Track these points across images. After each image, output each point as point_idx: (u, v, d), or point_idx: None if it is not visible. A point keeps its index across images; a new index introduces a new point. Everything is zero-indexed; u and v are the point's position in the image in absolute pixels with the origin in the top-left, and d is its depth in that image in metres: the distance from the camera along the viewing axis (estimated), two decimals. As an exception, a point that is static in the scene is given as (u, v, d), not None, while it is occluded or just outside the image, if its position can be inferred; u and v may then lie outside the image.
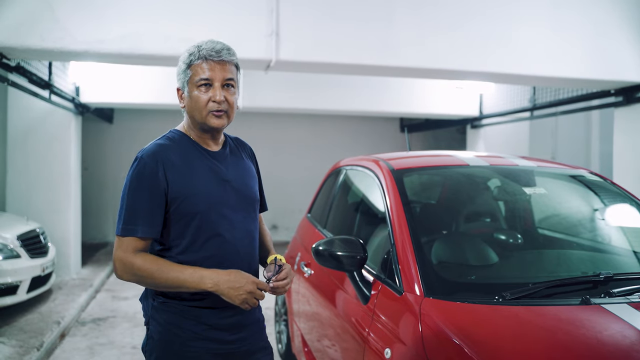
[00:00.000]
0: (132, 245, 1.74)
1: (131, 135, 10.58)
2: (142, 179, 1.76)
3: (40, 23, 4.08)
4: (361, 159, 3.29)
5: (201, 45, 1.84)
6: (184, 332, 1.82)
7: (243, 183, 1.94)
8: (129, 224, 1.74)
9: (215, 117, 1.83)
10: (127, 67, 7.11)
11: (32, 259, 5.44)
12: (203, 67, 1.81)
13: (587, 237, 2.76)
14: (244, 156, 2.03)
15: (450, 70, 4.83)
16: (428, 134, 11.45)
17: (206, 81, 1.81)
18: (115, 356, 4.62)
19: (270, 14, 4.39)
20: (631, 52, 5.04)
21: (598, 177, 2.98)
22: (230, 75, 1.83)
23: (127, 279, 1.76)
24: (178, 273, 1.72)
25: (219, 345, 1.85)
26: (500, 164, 2.97)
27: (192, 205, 1.79)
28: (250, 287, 1.73)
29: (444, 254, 2.37)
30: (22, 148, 6.91)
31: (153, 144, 1.86)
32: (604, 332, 1.84)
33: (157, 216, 1.76)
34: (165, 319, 1.83)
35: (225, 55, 1.83)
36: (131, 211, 1.75)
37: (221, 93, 1.81)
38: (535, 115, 7.44)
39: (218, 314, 1.84)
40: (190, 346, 1.82)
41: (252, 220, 1.96)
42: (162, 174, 1.77)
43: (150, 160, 1.78)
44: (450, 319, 1.90)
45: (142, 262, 1.73)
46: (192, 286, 1.72)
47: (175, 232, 1.81)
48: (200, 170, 1.84)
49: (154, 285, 1.78)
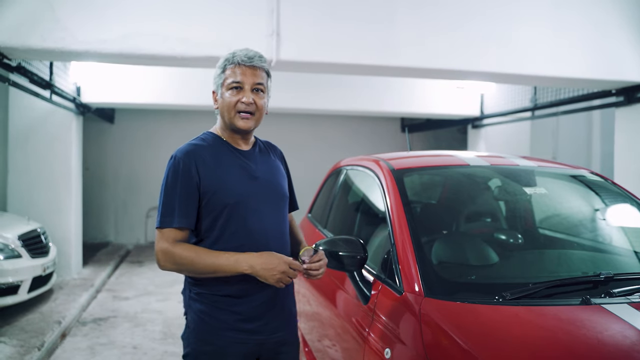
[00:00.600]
0: (172, 236, 1.89)
1: (132, 135, 10.60)
2: (177, 176, 1.91)
3: (41, 23, 4.08)
4: (361, 159, 3.29)
5: (236, 52, 1.99)
6: (216, 321, 1.94)
7: (272, 180, 2.07)
8: (166, 216, 1.90)
9: (242, 119, 1.97)
10: (128, 67, 7.12)
11: (33, 259, 5.45)
12: (235, 71, 1.96)
13: (587, 237, 2.76)
14: (274, 157, 2.16)
15: (451, 70, 4.83)
16: (429, 134, 11.45)
17: (237, 84, 1.95)
18: (115, 356, 4.62)
19: (270, 14, 4.39)
20: (632, 51, 5.04)
21: (599, 177, 2.98)
22: (260, 80, 1.97)
23: (169, 268, 1.90)
24: (214, 259, 1.86)
25: (248, 335, 1.96)
26: (500, 163, 2.97)
27: (222, 198, 1.92)
28: (283, 267, 1.86)
29: (444, 254, 2.37)
30: (23, 148, 6.92)
31: (187, 144, 2.00)
32: (604, 332, 1.84)
33: (191, 208, 1.91)
34: (200, 309, 1.96)
35: (256, 62, 1.97)
36: (168, 205, 1.90)
37: (250, 96, 1.95)
38: (537, 115, 7.44)
39: (248, 304, 1.95)
40: (222, 335, 1.94)
41: (281, 216, 2.08)
42: (194, 170, 1.91)
43: (184, 158, 1.93)
44: (450, 319, 1.90)
45: (181, 250, 1.87)
46: (228, 270, 1.86)
47: (207, 224, 1.94)
48: (230, 167, 1.98)
49: (193, 272, 1.90)
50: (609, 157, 7.80)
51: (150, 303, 6.33)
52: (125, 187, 10.67)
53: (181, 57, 4.39)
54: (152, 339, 5.06)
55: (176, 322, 5.57)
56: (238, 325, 1.95)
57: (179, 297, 6.59)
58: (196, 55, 4.37)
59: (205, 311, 1.95)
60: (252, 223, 1.96)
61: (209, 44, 4.35)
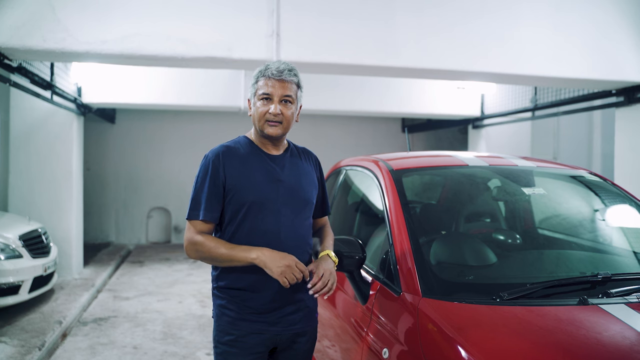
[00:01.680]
0: (197, 227, 2.08)
1: (133, 136, 10.62)
2: (206, 174, 2.10)
3: (42, 24, 4.10)
4: (361, 159, 3.29)
5: (269, 65, 2.14)
6: (232, 312, 2.11)
7: (297, 184, 2.18)
8: (194, 210, 2.09)
9: (270, 127, 2.12)
10: (129, 68, 7.13)
11: (34, 259, 5.46)
12: (266, 84, 2.11)
13: (586, 238, 2.76)
14: (306, 163, 2.29)
15: (451, 70, 4.83)
16: (430, 134, 11.45)
17: (267, 95, 2.11)
18: (116, 356, 4.63)
19: (270, 14, 4.40)
20: (632, 51, 5.04)
21: (597, 177, 2.98)
22: (288, 92, 2.12)
23: (193, 256, 2.09)
24: (230, 250, 2.04)
25: (262, 326, 2.10)
26: (499, 164, 2.97)
27: (243, 196, 2.08)
28: (289, 261, 1.99)
29: (442, 254, 2.38)
30: (24, 148, 6.94)
31: (220, 145, 2.17)
32: (601, 332, 1.84)
33: (215, 204, 2.08)
34: (220, 304, 2.15)
35: (285, 75, 2.11)
36: (196, 200, 2.10)
37: (277, 107, 2.10)
38: (537, 116, 7.44)
39: (260, 299, 2.09)
40: (238, 326, 2.10)
41: (302, 219, 2.18)
42: (222, 169, 2.09)
43: (213, 158, 2.11)
44: (448, 319, 1.90)
45: (203, 240, 2.06)
46: (240, 258, 2.02)
47: (228, 219, 2.12)
48: (255, 168, 2.13)
49: (212, 260, 2.09)
50: (610, 158, 7.81)
51: (150, 303, 6.34)
52: (126, 187, 10.68)
53: (182, 58, 4.40)
54: (153, 339, 5.07)
55: (176, 322, 5.58)
56: (252, 317, 2.10)
57: (179, 298, 6.60)
58: (197, 55, 4.38)
59: (224, 305, 2.13)
60: (268, 224, 2.09)
61: (209, 45, 4.36)
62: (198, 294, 6.77)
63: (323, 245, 2.25)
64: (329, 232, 2.36)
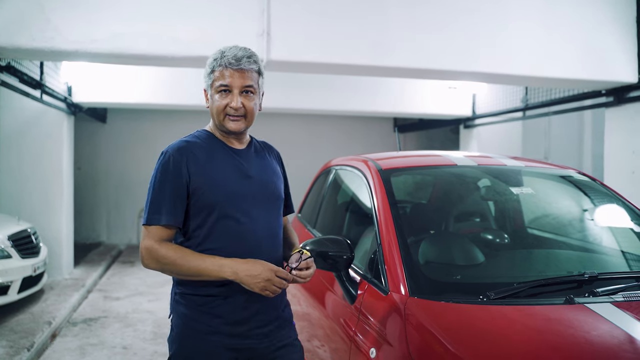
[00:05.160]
0: (158, 234, 1.84)
1: (124, 135, 10.58)
2: (166, 172, 1.87)
3: (31, 22, 4.06)
4: (350, 159, 3.29)
5: (225, 51, 1.92)
6: (199, 325, 1.88)
7: (266, 180, 2.01)
8: (154, 214, 1.84)
9: (232, 121, 1.92)
10: (119, 67, 7.09)
11: (23, 259, 5.43)
12: (223, 74, 1.90)
13: (575, 237, 2.77)
14: (270, 157, 2.11)
15: (442, 70, 4.83)
16: (422, 134, 11.47)
17: (225, 87, 1.90)
18: (106, 356, 4.61)
19: (261, 14, 4.38)
20: (622, 52, 5.06)
21: (586, 177, 3.00)
22: (249, 82, 1.91)
23: (152, 267, 1.85)
24: (199, 262, 1.80)
25: (235, 340, 1.89)
26: (488, 163, 2.98)
27: (211, 196, 1.87)
28: (267, 275, 1.79)
29: (430, 254, 2.38)
30: (14, 148, 6.89)
31: (179, 140, 1.96)
32: (589, 331, 1.85)
33: (179, 206, 1.86)
34: (183, 312, 1.91)
35: (244, 64, 1.90)
36: (156, 202, 1.85)
37: (238, 100, 1.89)
38: (528, 116, 7.46)
39: (232, 307, 1.88)
40: (206, 340, 1.87)
41: (275, 217, 2.01)
42: (184, 167, 1.86)
43: (174, 154, 1.88)
44: (435, 319, 1.91)
45: (165, 250, 1.82)
46: (212, 274, 1.80)
47: (196, 223, 1.89)
48: (222, 165, 1.92)
49: (176, 273, 1.86)
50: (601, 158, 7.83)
51: (141, 303, 6.31)
52: (117, 187, 10.64)
53: (172, 57, 4.38)
54: (143, 339, 5.05)
55: (167, 322, 5.54)
56: (224, 328, 1.88)
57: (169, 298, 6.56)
58: (187, 55, 4.36)
59: (188, 315, 1.90)
60: (243, 223, 1.90)
61: (200, 44, 4.34)
62: (189, 294, 6.75)
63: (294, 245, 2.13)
64: (293, 232, 2.24)
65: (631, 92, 5.27)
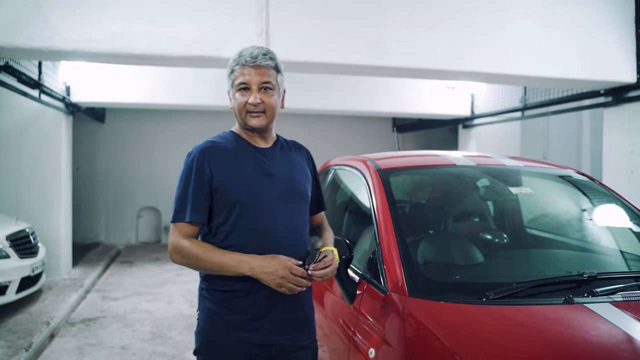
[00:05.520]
0: (183, 230, 1.93)
1: (123, 135, 10.57)
2: (190, 172, 1.96)
3: (29, 22, 4.05)
4: (349, 159, 3.29)
5: (242, 51, 2.00)
6: (222, 320, 1.95)
7: (290, 178, 2.05)
8: (179, 211, 1.94)
9: (253, 118, 1.99)
10: (118, 67, 7.08)
11: (21, 259, 5.42)
12: (242, 72, 1.97)
13: (573, 237, 2.77)
14: (298, 156, 2.16)
15: (440, 70, 4.83)
16: (420, 134, 11.48)
17: (244, 85, 1.97)
18: (104, 357, 4.60)
19: (260, 13, 4.38)
20: (621, 52, 5.06)
21: (585, 177, 3.00)
22: (266, 78, 1.98)
23: (178, 261, 1.94)
24: (220, 257, 1.89)
25: (256, 336, 1.94)
26: (487, 163, 2.97)
27: (232, 194, 1.94)
28: (282, 272, 1.85)
29: (429, 254, 2.37)
30: (12, 148, 6.88)
31: (205, 140, 2.04)
32: (588, 331, 1.85)
33: (202, 204, 1.94)
34: (208, 307, 1.99)
35: (260, 60, 1.97)
36: (181, 200, 1.95)
37: (257, 96, 1.96)
38: (527, 116, 7.47)
39: (253, 303, 1.94)
40: (227, 335, 1.94)
41: (297, 215, 2.04)
42: (207, 167, 1.95)
43: (198, 155, 1.97)
44: (434, 319, 1.90)
45: (189, 245, 1.91)
46: (231, 270, 1.88)
47: (219, 220, 1.96)
48: (245, 164, 1.99)
49: (199, 268, 1.95)
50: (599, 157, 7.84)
51: (140, 303, 6.31)
52: (116, 187, 10.63)
53: (170, 57, 4.37)
54: (142, 339, 5.04)
55: (165, 323, 5.56)
56: (244, 324, 1.94)
57: (169, 298, 6.57)
58: (186, 54, 4.35)
59: (213, 310, 1.97)
60: (264, 220, 1.95)
61: (198, 44, 4.34)
62: (188, 294, 6.75)
63: (323, 242, 2.12)
64: (327, 228, 2.25)
65: (630, 92, 5.27)
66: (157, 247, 10.42)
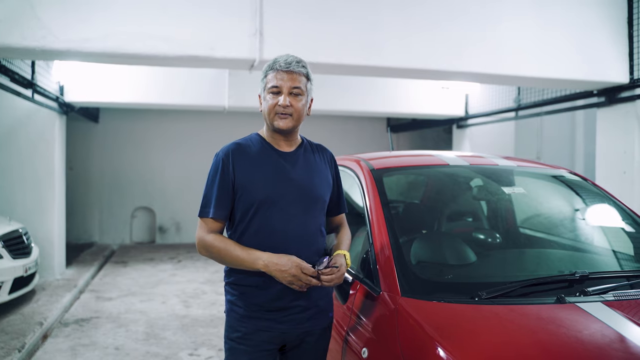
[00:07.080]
0: (208, 226, 2.09)
1: (117, 135, 10.54)
2: (215, 172, 2.11)
3: (21, 21, 4.03)
4: (343, 159, 3.29)
5: (277, 58, 2.14)
6: (240, 309, 2.11)
7: (308, 182, 2.15)
8: (204, 208, 2.10)
9: (281, 119, 2.10)
10: (112, 67, 7.06)
11: (14, 260, 5.40)
12: (275, 77, 2.10)
13: (566, 237, 2.78)
14: (320, 160, 2.26)
15: (434, 70, 4.84)
16: (415, 134, 11.49)
17: (276, 89, 2.10)
18: (97, 357, 4.59)
19: (254, 13, 4.38)
20: (614, 53, 5.08)
21: (577, 177, 3.01)
22: (297, 84, 2.11)
23: (203, 254, 2.11)
24: (239, 252, 2.03)
25: (270, 324, 2.08)
26: (480, 163, 2.98)
27: (251, 195, 2.07)
28: (294, 271, 1.96)
29: (422, 254, 2.38)
30: (5, 148, 6.85)
31: (231, 142, 2.17)
32: (580, 331, 1.86)
33: (225, 202, 2.09)
34: (229, 299, 2.16)
35: (293, 67, 2.10)
36: (206, 198, 2.11)
37: (287, 99, 2.08)
38: (520, 116, 7.49)
39: (268, 296, 2.07)
40: (245, 322, 2.09)
41: (313, 217, 2.14)
42: (230, 167, 2.09)
43: (223, 156, 2.11)
44: (426, 319, 1.91)
45: (212, 240, 2.07)
46: (248, 265, 2.02)
47: (238, 218, 2.11)
48: (265, 166, 2.11)
49: (221, 261, 2.10)
50: (593, 157, 7.87)
51: (133, 304, 6.29)
52: (110, 187, 10.59)
53: (164, 57, 4.36)
54: (135, 340, 5.03)
55: (159, 323, 5.54)
56: (260, 314, 2.08)
57: (162, 298, 6.55)
58: (179, 54, 4.34)
59: (233, 301, 2.13)
60: (276, 223, 2.06)
61: (192, 44, 4.33)
62: (182, 294, 6.74)
63: (337, 245, 2.21)
64: (345, 231, 2.32)
65: (622, 92, 5.30)
66: (151, 247, 10.40)
